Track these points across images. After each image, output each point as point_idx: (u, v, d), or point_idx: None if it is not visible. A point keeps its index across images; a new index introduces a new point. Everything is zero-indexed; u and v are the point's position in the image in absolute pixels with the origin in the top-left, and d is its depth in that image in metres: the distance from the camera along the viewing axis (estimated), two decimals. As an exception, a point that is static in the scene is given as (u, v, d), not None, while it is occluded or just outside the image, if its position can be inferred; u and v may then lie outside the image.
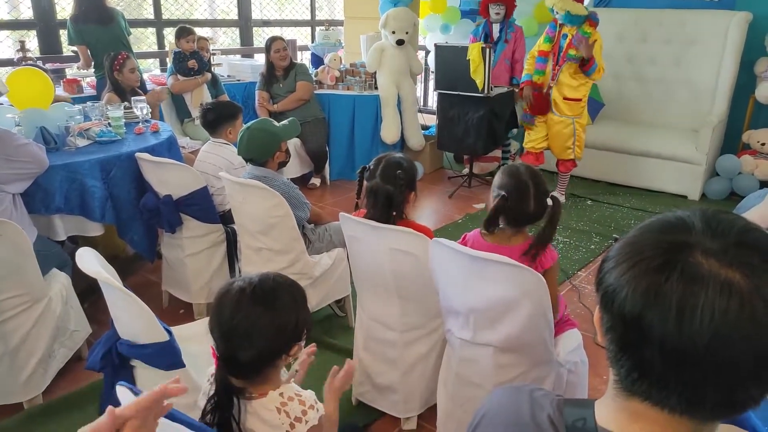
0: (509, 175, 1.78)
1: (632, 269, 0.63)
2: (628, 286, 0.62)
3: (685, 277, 0.58)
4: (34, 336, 2.15)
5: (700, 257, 0.59)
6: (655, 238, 0.64)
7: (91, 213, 2.57)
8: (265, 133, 2.49)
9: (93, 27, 4.13)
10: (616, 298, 0.63)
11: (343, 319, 2.86)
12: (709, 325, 0.57)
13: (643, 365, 0.62)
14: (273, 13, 7.06)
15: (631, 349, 0.63)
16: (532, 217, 1.78)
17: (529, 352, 1.72)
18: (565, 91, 4.10)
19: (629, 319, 0.62)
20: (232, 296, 1.18)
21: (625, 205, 4.59)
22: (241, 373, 1.20)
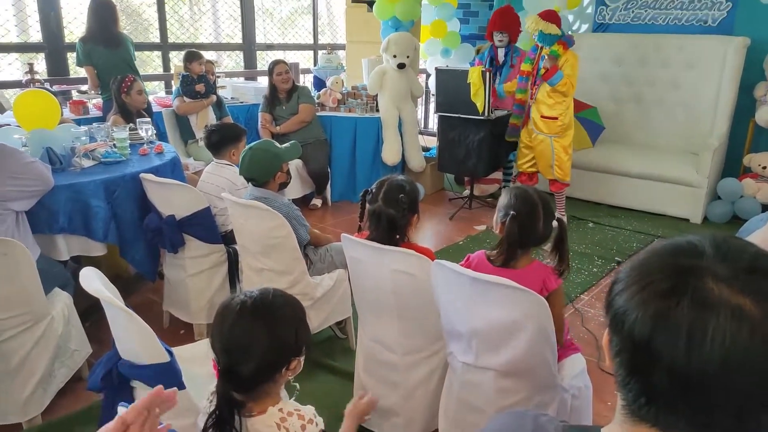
0: (517, 196, 1.79)
1: (642, 292, 0.62)
2: (638, 309, 0.62)
3: (696, 303, 0.58)
4: (35, 355, 2.15)
5: (711, 282, 0.59)
6: (665, 261, 0.64)
7: (94, 233, 2.59)
8: (267, 154, 2.51)
9: (101, 49, 4.19)
10: (625, 321, 0.63)
11: (344, 341, 2.85)
12: (719, 352, 0.56)
13: (651, 390, 0.62)
14: (276, 37, 7.17)
15: (640, 373, 0.63)
16: (539, 239, 1.79)
17: (532, 376, 1.71)
18: (542, 110, 4.20)
19: (639, 342, 0.61)
20: (233, 309, 1.21)
21: (626, 227, 4.59)
22: (242, 387, 1.20)
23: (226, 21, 6.64)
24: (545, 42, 4.01)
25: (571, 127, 4.28)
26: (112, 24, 4.22)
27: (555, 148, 4.24)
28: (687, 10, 5.11)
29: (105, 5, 4.23)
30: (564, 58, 4.01)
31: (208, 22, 6.88)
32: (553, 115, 4.17)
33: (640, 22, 5.36)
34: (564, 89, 4.03)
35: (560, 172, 4.30)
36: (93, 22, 4.20)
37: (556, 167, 4.28)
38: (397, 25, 5.12)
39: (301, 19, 7.60)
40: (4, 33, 4.71)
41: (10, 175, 2.23)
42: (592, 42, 5.47)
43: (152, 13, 5.67)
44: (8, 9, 4.68)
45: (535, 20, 3.96)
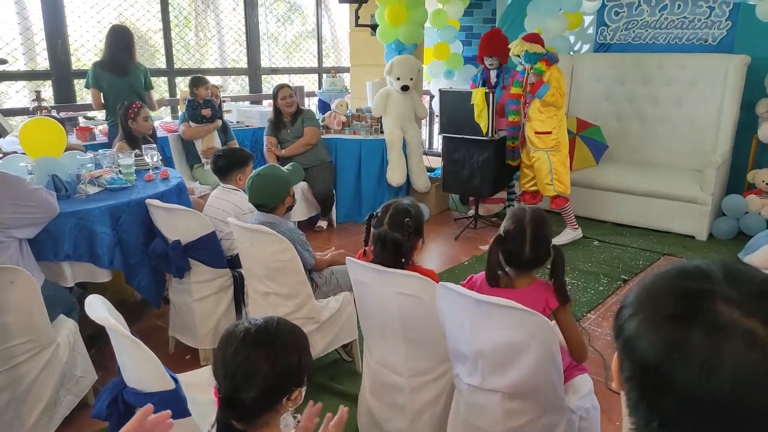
0: (511, 217, 1.83)
1: (652, 317, 0.63)
2: (650, 334, 0.62)
3: (708, 327, 0.58)
4: (41, 382, 2.14)
5: (722, 306, 0.59)
6: (675, 284, 0.64)
7: (99, 260, 2.60)
8: (277, 179, 2.53)
9: (107, 75, 4.27)
10: (637, 348, 0.63)
11: (350, 364, 2.83)
12: (732, 375, 0.57)
13: (663, 414, 0.62)
14: (281, 61, 7.26)
15: (652, 398, 0.62)
16: (530, 263, 1.80)
17: (539, 397, 1.70)
18: (535, 126, 4.31)
19: (651, 367, 0.61)
20: (236, 337, 1.20)
21: (632, 245, 4.57)
22: (243, 415, 1.19)
23: (231, 46, 6.74)
24: (531, 60, 4.19)
25: (566, 141, 4.39)
26: (122, 52, 4.30)
27: (552, 162, 4.32)
28: (687, 29, 5.15)
29: (117, 33, 4.32)
30: (548, 73, 4.16)
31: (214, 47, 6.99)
32: (546, 129, 4.28)
33: (642, 41, 5.40)
34: (552, 99, 4.15)
35: (561, 186, 4.37)
36: (106, 48, 4.32)
37: (556, 181, 4.35)
38: (401, 47, 5.18)
39: (306, 42, 7.71)
40: (13, 61, 4.79)
41: (12, 201, 2.24)
42: (594, 62, 5.51)
43: (159, 39, 5.77)
44: (16, 38, 4.77)
45: (520, 43, 4.20)
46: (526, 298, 1.68)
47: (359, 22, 5.69)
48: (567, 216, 4.55)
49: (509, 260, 1.82)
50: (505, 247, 1.80)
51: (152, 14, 5.67)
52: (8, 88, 5.05)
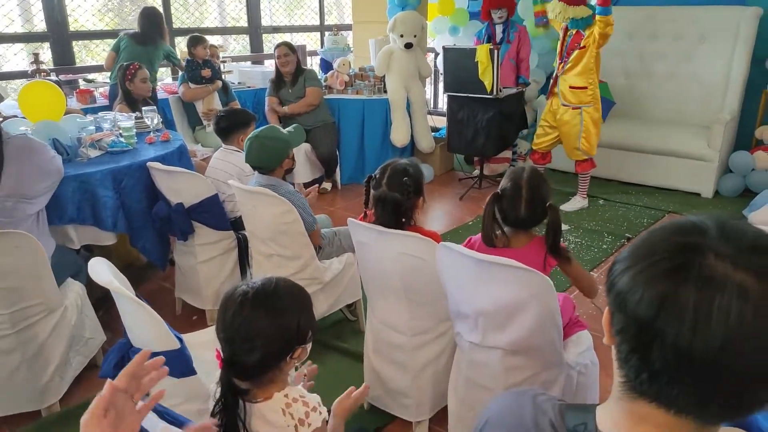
0: (509, 176, 1.83)
1: (645, 271, 0.63)
2: (643, 288, 0.62)
3: (700, 281, 0.59)
4: (51, 344, 2.19)
5: (714, 260, 0.59)
6: (669, 239, 0.64)
7: (103, 222, 2.61)
8: (277, 141, 2.50)
9: (128, 40, 4.40)
10: (629, 301, 0.63)
11: (354, 323, 2.87)
12: (723, 329, 0.57)
13: (653, 366, 0.62)
14: (282, 19, 7.12)
15: (643, 350, 0.63)
16: (526, 222, 1.81)
17: (539, 354, 1.72)
18: (570, 81, 4.12)
19: (643, 321, 0.62)
20: (235, 300, 1.21)
21: (637, 203, 4.55)
22: (245, 375, 1.22)
23: (231, 4, 6.59)
24: (579, 26, 3.90)
25: (599, 98, 4.16)
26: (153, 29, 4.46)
27: (584, 120, 4.13)
28: (700, -20, 4.98)
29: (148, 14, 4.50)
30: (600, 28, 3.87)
31: (213, 6, 6.84)
32: (581, 84, 4.08)
33: (651, -6, 5.24)
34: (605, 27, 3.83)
35: (586, 144, 4.19)
36: (138, 25, 4.49)
37: (583, 139, 4.17)
38: (404, 3, 5.06)
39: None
40: (9, 23, 4.71)
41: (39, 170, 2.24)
42: (601, 15, 5.36)
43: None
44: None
45: (562, 8, 3.84)
46: (526, 256, 1.69)
47: (361, -23, 5.54)
48: (583, 182, 4.44)
49: (505, 219, 1.83)
50: (501, 205, 1.81)
51: (149, -28, 5.55)
52: (6, 50, 4.99)
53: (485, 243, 1.84)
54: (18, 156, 2.15)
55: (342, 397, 1.37)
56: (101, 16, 6.02)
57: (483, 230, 1.83)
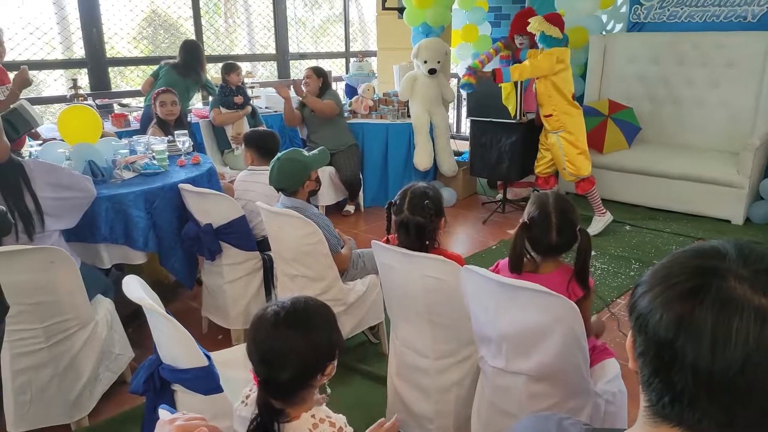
0: (534, 203, 1.81)
1: (665, 293, 0.64)
2: (662, 309, 0.63)
3: (719, 303, 0.59)
4: (81, 359, 2.24)
5: (733, 282, 0.60)
6: (689, 263, 0.65)
7: (134, 242, 2.68)
8: (295, 163, 2.55)
9: (174, 74, 4.53)
10: (649, 322, 0.64)
11: (377, 345, 2.87)
12: (742, 351, 0.57)
13: (675, 389, 0.63)
14: (309, 46, 7.28)
15: (664, 373, 0.64)
16: (557, 248, 1.79)
17: (564, 381, 1.71)
18: (542, 111, 4.23)
19: (663, 342, 0.62)
20: (268, 320, 1.24)
21: (665, 230, 4.49)
22: (281, 395, 1.24)
23: (260, 32, 6.78)
24: (545, 42, 4.05)
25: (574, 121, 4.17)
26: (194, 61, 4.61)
27: (562, 144, 4.20)
28: (725, 7, 4.97)
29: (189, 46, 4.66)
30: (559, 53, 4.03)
31: (243, 34, 7.04)
32: (547, 112, 4.19)
33: (677, 20, 5.24)
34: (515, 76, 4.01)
35: (572, 167, 4.22)
36: (179, 56, 4.64)
37: (567, 162, 4.22)
38: (428, 30, 5.14)
39: (333, 27, 7.71)
40: (50, 50, 4.92)
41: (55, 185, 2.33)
42: (627, 42, 5.38)
43: (189, 26, 5.84)
44: (53, 27, 4.89)
45: (540, 21, 4.03)
46: (551, 283, 1.68)
47: (386, 5, 5.66)
48: (593, 201, 4.41)
49: (536, 247, 1.81)
50: (531, 234, 1.78)
51: (183, 2, 5.74)
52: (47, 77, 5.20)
53: (511, 271, 1.83)
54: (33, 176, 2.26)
55: (372, 429, 1.37)
56: (136, 43, 6.24)
57: (511, 258, 1.82)
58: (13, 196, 2.21)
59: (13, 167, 2.23)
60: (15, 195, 2.21)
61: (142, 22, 6.22)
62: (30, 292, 2.06)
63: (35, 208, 2.25)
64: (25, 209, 2.22)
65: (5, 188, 2.20)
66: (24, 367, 2.14)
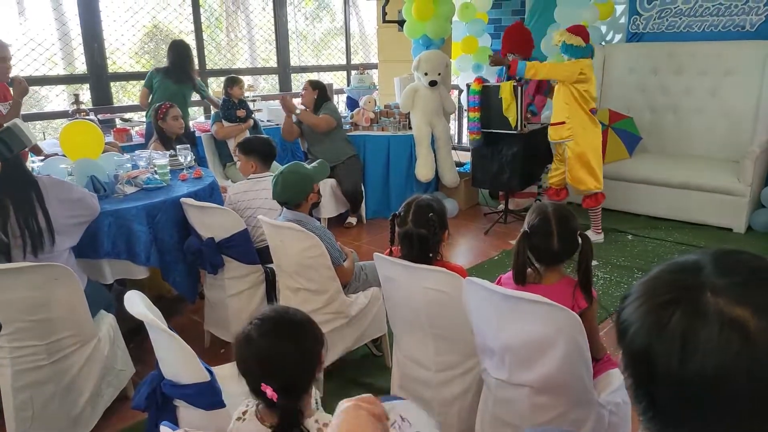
0: (534, 212, 1.82)
1: (643, 306, 0.65)
2: (638, 321, 0.65)
3: (690, 313, 0.60)
4: (84, 375, 2.24)
5: (709, 295, 0.61)
6: (668, 278, 0.67)
7: (137, 257, 2.68)
8: (299, 176, 2.55)
9: (163, 78, 4.51)
10: (627, 333, 0.66)
11: (380, 358, 2.86)
12: (712, 360, 0.58)
13: (655, 402, 0.64)
14: (310, 59, 7.33)
15: (644, 385, 0.65)
16: (559, 255, 1.79)
17: (567, 392, 1.70)
18: (554, 117, 4.24)
19: (638, 353, 0.64)
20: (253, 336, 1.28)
21: (668, 239, 4.48)
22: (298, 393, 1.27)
23: (261, 45, 6.83)
24: (567, 52, 4.04)
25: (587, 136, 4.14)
26: (184, 62, 4.58)
27: (568, 155, 4.19)
28: (723, 16, 5.00)
29: (178, 47, 4.62)
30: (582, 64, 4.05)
31: (245, 47, 7.09)
32: (560, 119, 4.17)
33: (675, 30, 5.27)
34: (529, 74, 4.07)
35: (570, 178, 4.23)
36: (168, 58, 4.61)
37: (569, 173, 4.22)
38: (428, 43, 5.18)
39: (334, 40, 7.76)
40: (52, 66, 4.96)
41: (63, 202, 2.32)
42: (626, 52, 5.41)
43: (191, 40, 5.88)
44: (55, 43, 4.93)
45: (561, 33, 4.04)
46: (556, 293, 1.68)
47: (386, 18, 5.70)
48: (594, 217, 4.41)
49: (539, 256, 1.81)
50: (532, 243, 1.78)
51: (184, 16, 5.79)
52: (48, 92, 5.24)
53: (515, 282, 1.83)
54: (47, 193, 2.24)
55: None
56: (138, 58, 6.29)
57: (514, 269, 1.82)
58: (24, 213, 2.16)
59: (27, 183, 2.21)
60: (27, 212, 2.17)
61: (143, 37, 6.28)
62: (32, 309, 2.06)
63: (47, 226, 2.20)
64: (36, 227, 2.17)
65: (17, 205, 2.16)
66: (26, 383, 2.14)
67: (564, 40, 4.00)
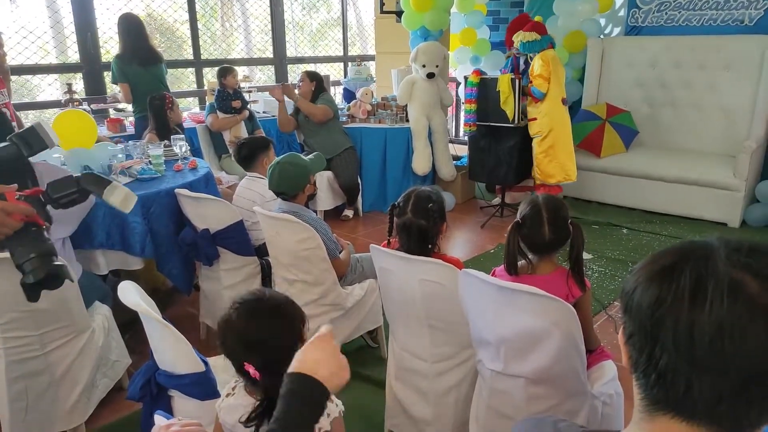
0: (526, 202, 1.85)
1: (648, 269, 0.66)
2: (645, 283, 0.65)
3: (698, 271, 0.61)
4: (78, 366, 2.22)
5: (715, 259, 0.62)
6: (678, 247, 0.68)
7: (131, 248, 2.67)
8: (297, 167, 2.54)
9: (136, 67, 4.28)
10: (633, 298, 0.66)
11: (376, 350, 2.87)
12: (718, 318, 0.58)
13: (660, 364, 0.64)
14: (307, 50, 7.29)
15: (649, 349, 0.64)
16: (551, 245, 1.80)
17: (562, 383, 1.70)
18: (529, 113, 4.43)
19: (645, 313, 0.64)
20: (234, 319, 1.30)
21: (662, 233, 4.50)
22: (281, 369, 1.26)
23: (257, 35, 6.78)
24: (526, 49, 4.26)
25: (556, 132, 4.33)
26: (144, 40, 4.31)
27: (535, 149, 4.38)
28: (722, 10, 4.99)
29: (133, 22, 4.30)
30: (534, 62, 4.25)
31: (240, 37, 7.05)
32: (533, 116, 4.37)
33: (674, 24, 5.26)
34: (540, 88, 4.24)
35: (537, 172, 4.40)
36: (126, 40, 4.28)
37: (535, 166, 4.40)
38: (426, 34, 5.15)
39: (331, 31, 7.72)
40: (45, 54, 4.91)
41: None
42: (625, 45, 5.40)
43: (185, 30, 5.84)
44: (47, 31, 4.88)
45: (517, 34, 4.29)
46: (549, 284, 1.68)
47: (384, 9, 5.67)
48: None
49: (531, 245, 1.83)
50: (524, 232, 1.81)
51: (179, 5, 5.75)
52: (41, 81, 5.19)
53: (508, 272, 1.84)
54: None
55: None
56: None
57: (506, 259, 1.83)
58: None
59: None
60: None
61: (138, 27, 6.20)
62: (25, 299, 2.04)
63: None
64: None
65: None
66: (20, 374, 2.12)
67: (521, 40, 4.21)
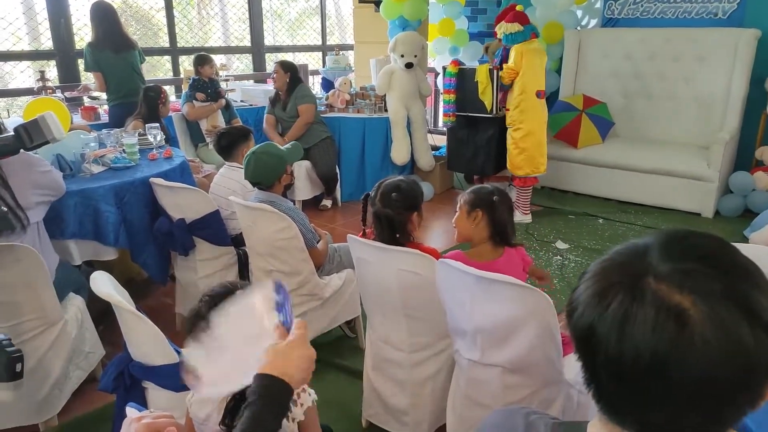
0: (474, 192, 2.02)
1: (590, 287, 0.66)
2: (584, 302, 0.65)
3: (630, 297, 0.61)
4: (50, 358, 2.19)
5: (650, 280, 0.61)
6: (618, 260, 0.67)
7: (104, 238, 2.63)
8: (272, 157, 2.52)
9: (109, 54, 4.16)
10: (574, 315, 0.66)
11: (354, 340, 2.87)
12: (647, 346, 0.58)
13: (598, 384, 0.65)
14: (285, 39, 7.21)
15: (588, 367, 0.65)
16: None
17: (538, 372, 1.72)
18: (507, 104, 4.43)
19: (583, 334, 0.64)
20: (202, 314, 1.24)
21: (637, 223, 4.56)
22: None
23: (234, 24, 6.69)
24: (509, 41, 4.22)
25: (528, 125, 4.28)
26: (117, 27, 4.20)
27: (508, 140, 4.38)
28: (697, 3, 5.06)
29: (106, 9, 4.18)
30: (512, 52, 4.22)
31: (217, 26, 6.94)
32: (507, 106, 4.38)
33: (650, 16, 5.32)
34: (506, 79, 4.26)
35: (510, 165, 4.42)
36: (99, 27, 4.16)
37: (508, 159, 4.41)
38: (405, 24, 5.13)
39: (310, 20, 7.64)
40: (16, 41, 4.78)
41: (32, 182, 2.25)
42: (601, 37, 5.44)
43: (161, 17, 5.73)
44: (19, 17, 4.75)
45: (500, 26, 4.24)
46: (507, 265, 1.72)
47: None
48: (522, 197, 4.51)
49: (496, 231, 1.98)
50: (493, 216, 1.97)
51: (155, -8, 5.64)
52: (13, 68, 5.06)
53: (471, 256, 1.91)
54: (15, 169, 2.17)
55: None
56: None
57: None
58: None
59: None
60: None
61: (112, 14, 6.06)
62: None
63: (14, 203, 2.12)
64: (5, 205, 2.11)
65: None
66: (-11, 366, 2.08)
67: (503, 32, 4.18)
